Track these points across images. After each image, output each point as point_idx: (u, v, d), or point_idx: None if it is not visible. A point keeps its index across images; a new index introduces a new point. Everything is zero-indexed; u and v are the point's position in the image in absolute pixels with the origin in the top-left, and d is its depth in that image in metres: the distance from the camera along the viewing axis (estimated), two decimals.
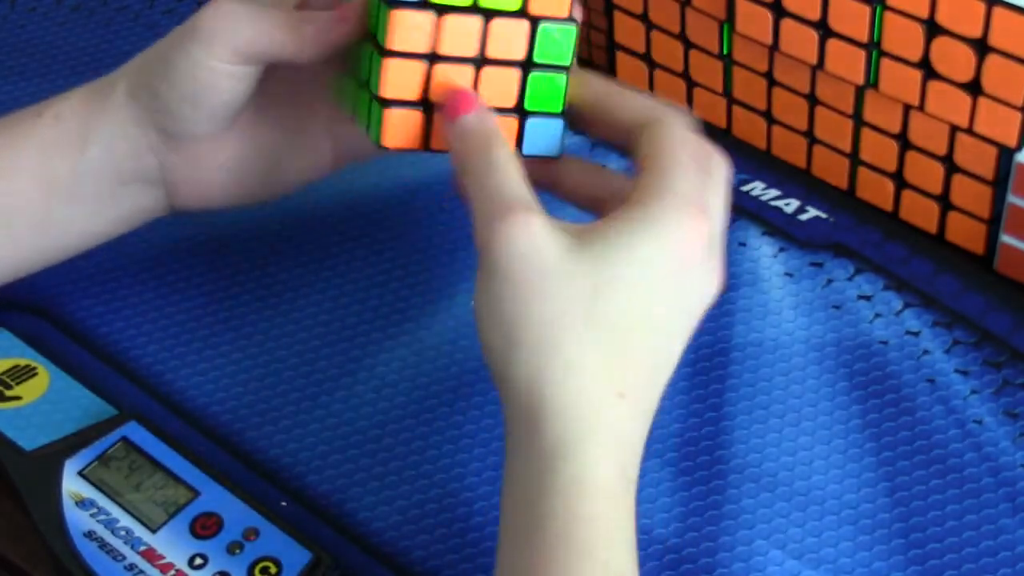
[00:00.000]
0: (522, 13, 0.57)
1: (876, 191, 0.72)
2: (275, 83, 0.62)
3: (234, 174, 0.63)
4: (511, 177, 0.53)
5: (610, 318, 0.51)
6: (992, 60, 0.62)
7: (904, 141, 0.69)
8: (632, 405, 0.52)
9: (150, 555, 0.58)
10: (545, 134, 0.59)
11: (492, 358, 0.52)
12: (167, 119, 0.61)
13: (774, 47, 0.70)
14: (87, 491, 0.60)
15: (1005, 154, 0.65)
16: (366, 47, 0.58)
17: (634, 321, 0.52)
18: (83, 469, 0.60)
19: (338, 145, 0.64)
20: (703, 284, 0.54)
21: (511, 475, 0.52)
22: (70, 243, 0.65)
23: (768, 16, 0.68)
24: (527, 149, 0.58)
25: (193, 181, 0.63)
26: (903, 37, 0.64)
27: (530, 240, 0.51)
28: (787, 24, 0.68)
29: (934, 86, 0.65)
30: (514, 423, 0.52)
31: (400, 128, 0.57)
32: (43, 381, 0.64)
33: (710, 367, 0.66)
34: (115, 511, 0.59)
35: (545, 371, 0.51)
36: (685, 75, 0.75)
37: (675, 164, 0.54)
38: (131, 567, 0.57)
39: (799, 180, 0.74)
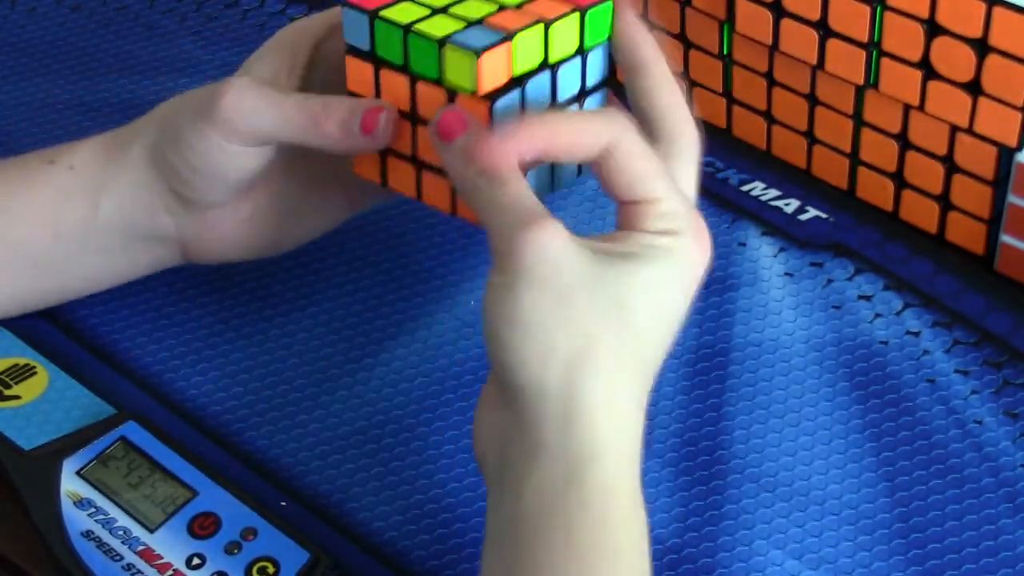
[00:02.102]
0: None
1: (876, 191, 0.72)
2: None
3: (250, 231, 0.64)
4: (520, 187, 0.53)
5: (635, 332, 0.52)
6: (992, 60, 0.62)
7: (904, 141, 0.69)
8: (644, 416, 0.53)
9: (148, 555, 0.58)
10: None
11: (515, 361, 0.51)
12: (183, 189, 0.62)
13: (774, 47, 0.70)
14: (85, 491, 0.60)
15: (1005, 154, 0.65)
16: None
17: (651, 336, 0.52)
18: (81, 469, 0.60)
19: (351, 195, 0.65)
20: (692, 295, 0.55)
21: (529, 480, 0.51)
22: (76, 288, 0.66)
23: (768, 16, 0.68)
24: None
25: (208, 240, 0.64)
26: (903, 37, 0.64)
27: (561, 248, 0.51)
28: (787, 24, 0.68)
29: (934, 86, 0.65)
30: (535, 430, 0.51)
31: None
32: (42, 380, 0.64)
33: (710, 367, 0.66)
34: (113, 511, 0.59)
35: (580, 379, 0.51)
36: (685, 75, 0.75)
37: (691, 187, 0.56)
38: (129, 567, 0.57)
39: (799, 180, 0.74)
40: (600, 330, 0.51)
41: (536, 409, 0.51)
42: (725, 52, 0.73)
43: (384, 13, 0.57)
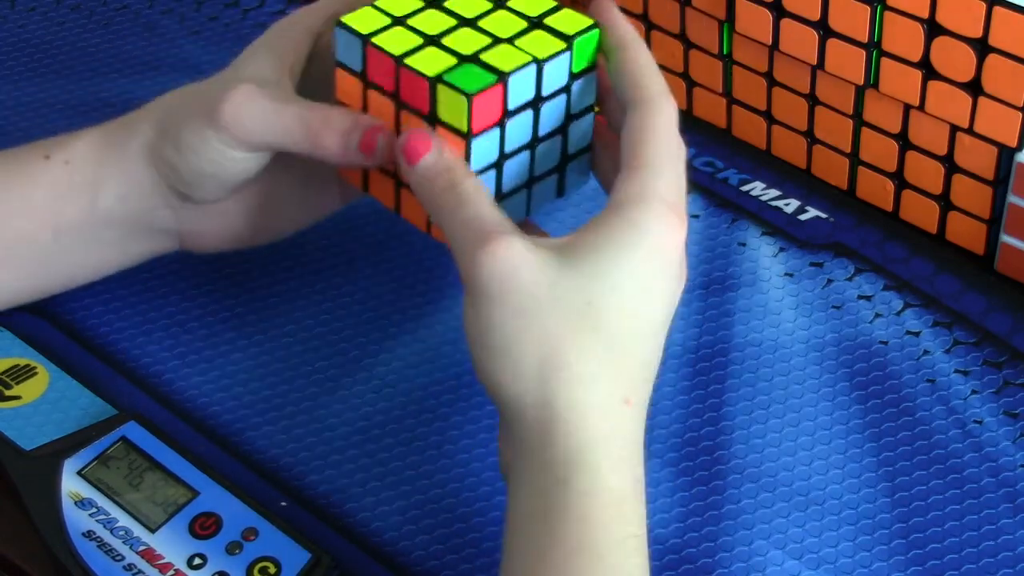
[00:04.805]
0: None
1: (876, 191, 0.72)
2: None
3: (249, 221, 0.64)
4: (482, 205, 0.53)
5: (607, 327, 0.52)
6: (992, 60, 0.62)
7: (904, 141, 0.69)
8: (636, 408, 0.53)
9: (149, 555, 0.58)
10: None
11: (492, 380, 0.52)
12: (182, 188, 0.61)
13: (774, 47, 0.70)
14: (86, 491, 0.60)
15: (1005, 154, 0.65)
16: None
17: (628, 327, 0.52)
18: (82, 469, 0.60)
19: (344, 185, 0.64)
20: (679, 279, 0.54)
21: (522, 490, 0.52)
22: (77, 278, 0.66)
23: (768, 16, 0.68)
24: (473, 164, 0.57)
25: (209, 232, 0.64)
26: (903, 37, 0.64)
27: (515, 262, 0.51)
28: (787, 24, 0.68)
29: (934, 86, 0.65)
30: (523, 440, 0.52)
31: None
32: (43, 381, 0.64)
33: (710, 367, 0.66)
34: (114, 511, 0.59)
35: (553, 386, 0.51)
36: (685, 75, 0.75)
37: (659, 164, 0.54)
38: (130, 567, 0.57)
39: (799, 180, 0.74)
40: (565, 333, 0.51)
41: (519, 422, 0.52)
42: (725, 52, 0.73)
43: (377, 40, 0.56)
